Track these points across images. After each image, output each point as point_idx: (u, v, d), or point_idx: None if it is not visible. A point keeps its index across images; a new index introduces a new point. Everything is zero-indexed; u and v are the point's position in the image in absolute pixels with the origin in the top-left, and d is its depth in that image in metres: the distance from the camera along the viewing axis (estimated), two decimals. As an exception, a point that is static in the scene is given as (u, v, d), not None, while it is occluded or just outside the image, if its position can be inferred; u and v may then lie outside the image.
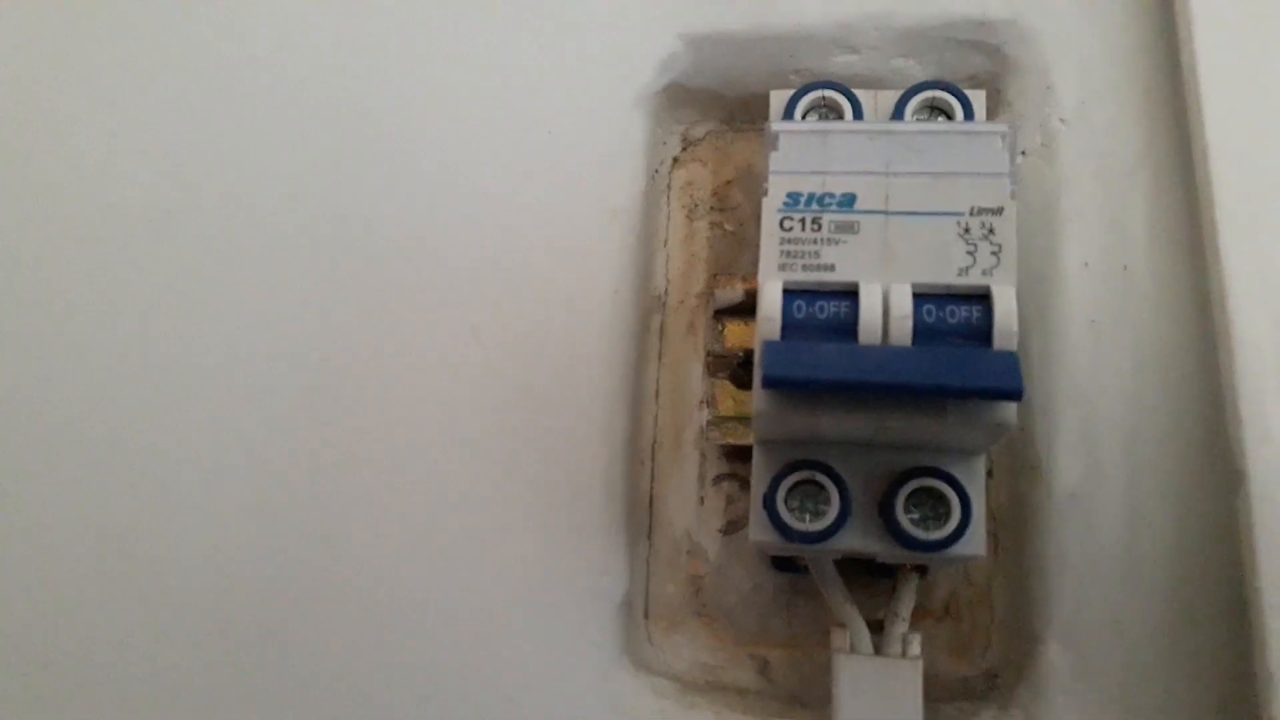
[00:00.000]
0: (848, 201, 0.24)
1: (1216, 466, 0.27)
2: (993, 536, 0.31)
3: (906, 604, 0.27)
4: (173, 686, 0.30)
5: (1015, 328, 0.22)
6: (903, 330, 0.22)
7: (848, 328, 0.23)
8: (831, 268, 0.23)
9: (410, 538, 0.30)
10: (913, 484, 0.25)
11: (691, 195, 0.35)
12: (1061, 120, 0.30)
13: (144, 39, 0.35)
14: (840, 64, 0.32)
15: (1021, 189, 0.30)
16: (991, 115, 0.31)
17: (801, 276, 0.23)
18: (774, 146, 0.24)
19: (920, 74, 0.31)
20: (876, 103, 0.27)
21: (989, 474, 0.31)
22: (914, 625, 0.28)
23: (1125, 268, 0.29)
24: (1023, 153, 0.31)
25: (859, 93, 0.27)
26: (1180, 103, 0.29)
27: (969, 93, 0.27)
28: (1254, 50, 0.28)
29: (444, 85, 0.33)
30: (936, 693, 0.29)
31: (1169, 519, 0.27)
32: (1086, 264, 0.29)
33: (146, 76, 0.35)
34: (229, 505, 0.31)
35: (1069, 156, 0.30)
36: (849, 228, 0.24)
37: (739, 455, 0.32)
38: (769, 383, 0.22)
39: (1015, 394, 0.21)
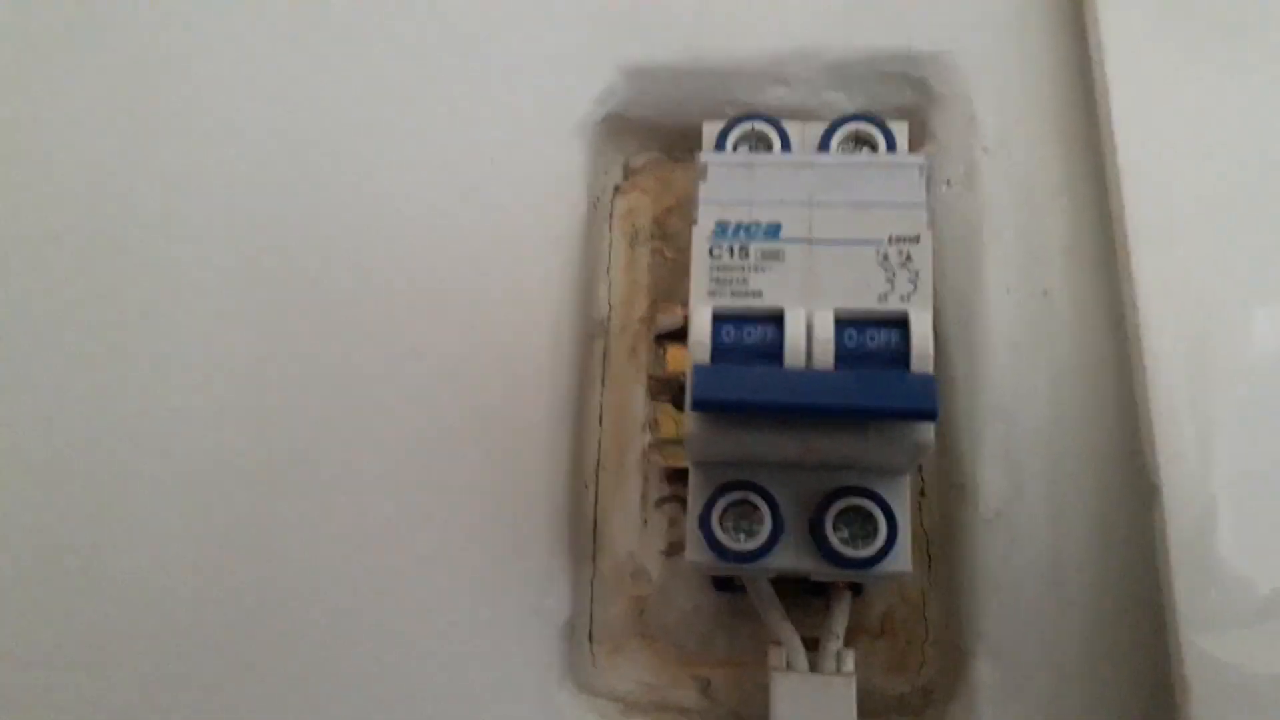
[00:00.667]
0: (773, 230, 0.25)
1: (1134, 482, 0.28)
2: (926, 554, 0.32)
3: (840, 621, 0.28)
4: (109, 703, 0.29)
5: (931, 351, 0.23)
6: (826, 354, 0.23)
7: (774, 352, 0.24)
8: (759, 294, 0.24)
9: (354, 559, 0.30)
10: (841, 503, 0.26)
11: (633, 223, 0.36)
12: (984, 149, 0.31)
13: (92, 62, 0.35)
14: (773, 96, 0.33)
15: (945, 216, 0.31)
16: (916, 145, 0.33)
17: (730, 302, 0.24)
18: (703, 177, 0.25)
19: (850, 106, 0.33)
20: (804, 134, 0.28)
21: (922, 493, 0.32)
22: (851, 642, 0.29)
23: (1045, 291, 0.30)
24: (947, 181, 0.32)
25: (788, 124, 0.28)
26: (1096, 131, 0.30)
27: (892, 124, 0.28)
28: (1162, 79, 0.29)
29: (387, 116, 0.34)
30: (873, 708, 0.30)
31: (1090, 533, 0.28)
32: (1008, 288, 0.30)
33: (90, 101, 0.35)
34: (172, 526, 0.31)
35: (991, 184, 0.31)
36: (775, 255, 0.24)
37: (681, 477, 0.33)
38: (698, 405, 0.23)
39: (930, 414, 0.22)
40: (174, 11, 0.35)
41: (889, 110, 0.33)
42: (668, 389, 0.34)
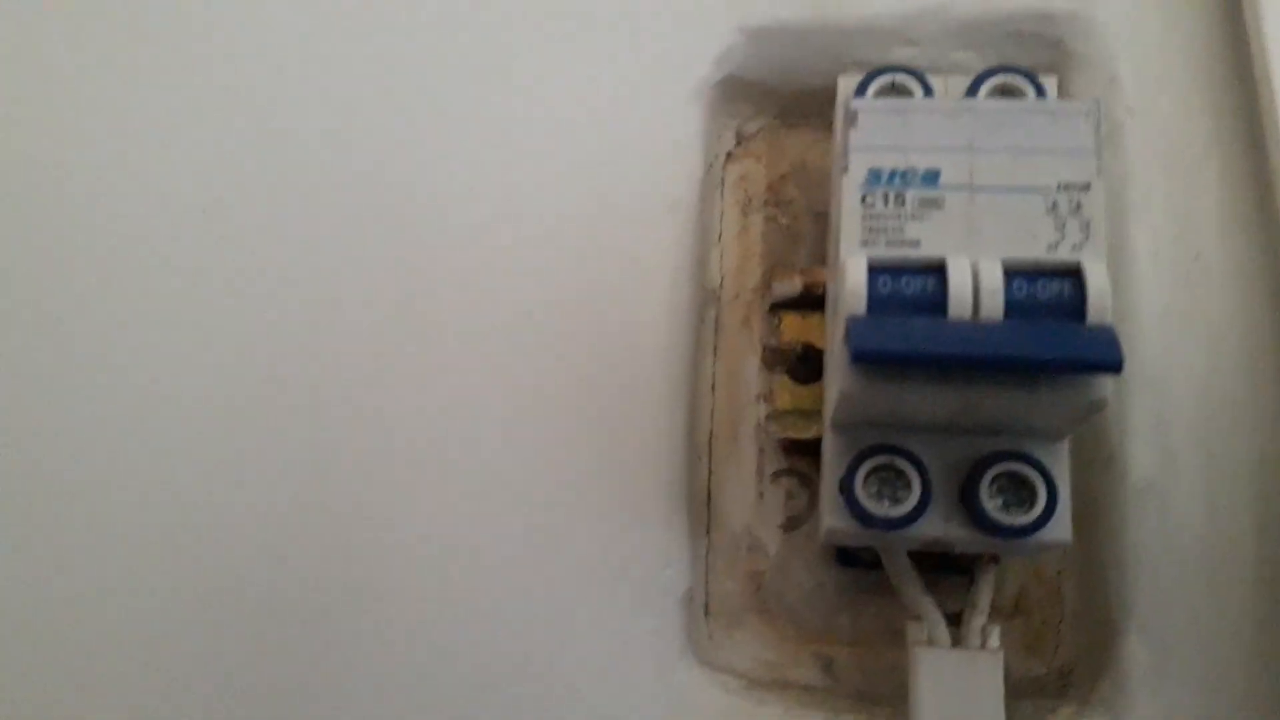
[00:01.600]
0: (931, 177, 0.23)
1: (1296, 455, 0.26)
2: (1062, 531, 0.30)
3: (985, 595, 0.27)
4: (226, 681, 0.29)
5: (1109, 303, 0.22)
6: (994, 305, 0.22)
7: (936, 304, 0.22)
8: (917, 243, 0.23)
9: (470, 533, 0.30)
10: (997, 468, 0.24)
11: (745, 190, 0.35)
12: (1128, 110, 0.30)
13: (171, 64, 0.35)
14: (900, 56, 0.32)
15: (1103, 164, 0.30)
16: (1056, 105, 0.31)
17: (886, 252, 0.23)
18: (853, 124, 0.24)
19: (980, 67, 0.31)
20: (948, 87, 0.27)
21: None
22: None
23: (1196, 256, 0.29)
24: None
25: (931, 77, 0.27)
26: (1247, 90, 0.29)
27: (1042, 78, 0.26)
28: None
29: (503, 78, 0.33)
30: (1009, 690, 0.28)
31: (1248, 509, 0.27)
32: (1157, 253, 0.29)
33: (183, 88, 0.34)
34: (288, 502, 0.30)
35: (1135, 147, 0.30)
36: (934, 203, 0.23)
37: (798, 450, 0.32)
38: (858, 357, 0.22)
39: (1115, 366, 0.21)
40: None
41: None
42: (783, 360, 0.33)
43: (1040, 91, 0.27)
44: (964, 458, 0.25)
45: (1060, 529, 0.24)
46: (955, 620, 0.27)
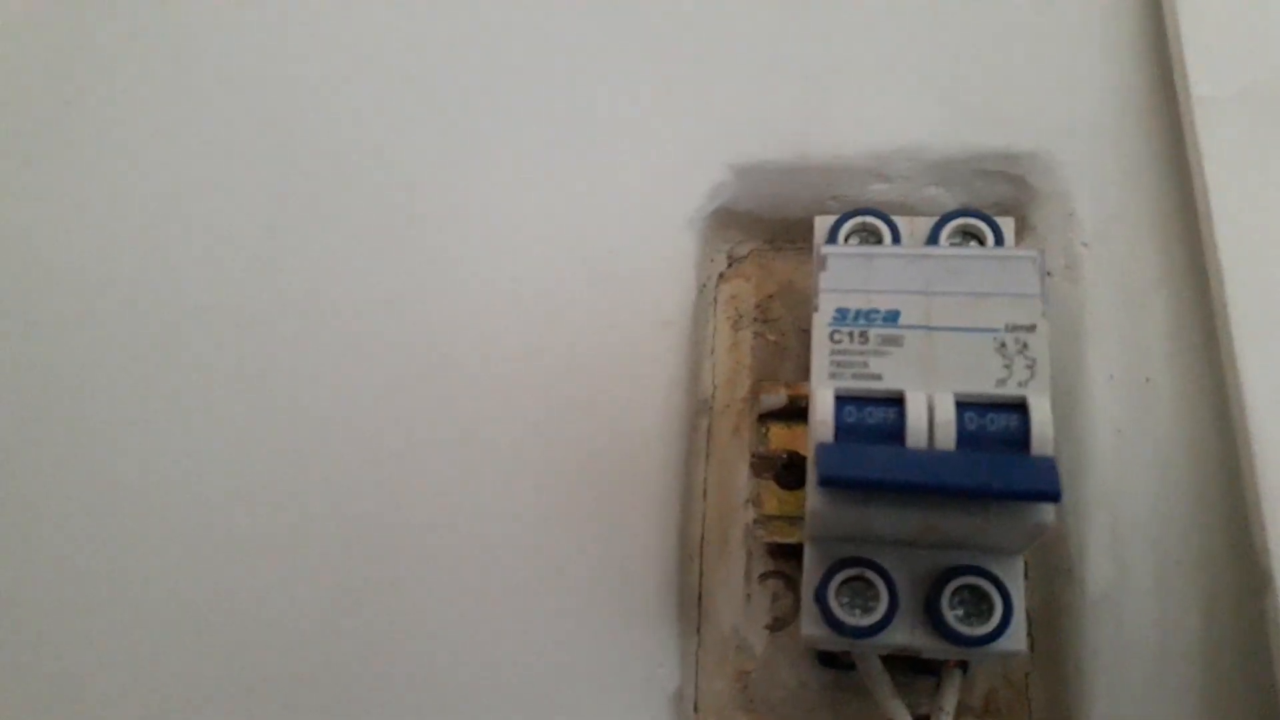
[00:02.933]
0: (892, 317, 0.26)
1: (1244, 569, 0.28)
2: (1029, 636, 0.32)
3: (950, 698, 0.29)
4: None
5: (1051, 435, 0.24)
6: (947, 435, 0.24)
7: (895, 432, 0.25)
8: (879, 377, 0.26)
9: (468, 623, 0.32)
10: (957, 581, 0.26)
11: (736, 308, 0.38)
12: (1084, 244, 0.32)
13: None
14: (875, 191, 0.35)
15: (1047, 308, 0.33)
16: (1018, 240, 0.34)
17: (851, 384, 0.26)
18: (823, 267, 0.27)
19: (950, 202, 0.34)
20: (913, 228, 0.30)
21: (1025, 576, 0.33)
22: (955, 722, 0.29)
23: (1148, 380, 0.31)
24: (1048, 274, 0.33)
25: (897, 218, 0.30)
26: (1194, 225, 0.31)
27: (999, 219, 0.29)
28: (1261, 172, 0.31)
29: (517, 207, 0.36)
30: (980, 789, 0.30)
31: (1198, 620, 0.29)
32: (1111, 377, 0.31)
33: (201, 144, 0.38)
34: (285, 565, 0.33)
35: (1091, 277, 0.32)
36: (894, 340, 0.26)
37: (784, 553, 0.34)
38: (824, 481, 0.24)
39: (1054, 496, 0.23)
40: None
41: (988, 206, 0.34)
42: (770, 466, 0.35)
43: (997, 233, 0.29)
44: (928, 571, 0.27)
45: (1015, 640, 0.26)
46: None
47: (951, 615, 0.26)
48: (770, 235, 0.38)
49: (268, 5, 0.40)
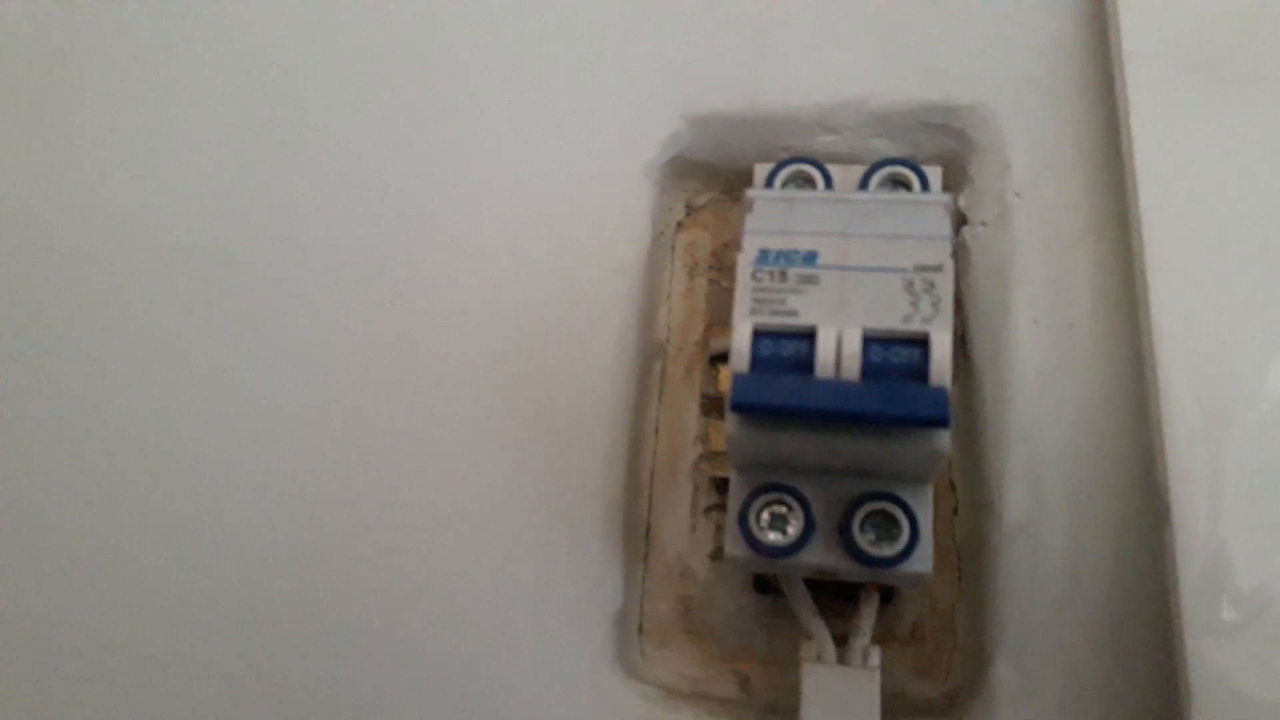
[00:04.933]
0: (810, 258, 0.28)
1: (1148, 502, 0.30)
2: (957, 568, 0.34)
3: (868, 619, 0.30)
4: (184, 687, 0.33)
5: (949, 367, 0.26)
6: (852, 367, 0.26)
7: (807, 364, 0.26)
8: (795, 313, 0.27)
9: (425, 552, 0.34)
10: (869, 506, 0.28)
11: (693, 255, 0.39)
12: (1016, 194, 0.34)
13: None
14: (823, 143, 0.36)
15: (979, 254, 0.34)
16: (955, 188, 0.35)
17: (769, 320, 0.27)
18: (750, 210, 0.28)
19: (894, 152, 0.36)
20: (846, 176, 0.31)
21: (955, 511, 0.35)
22: (882, 649, 0.31)
23: (1070, 325, 0.32)
24: (982, 223, 0.34)
25: (831, 166, 0.31)
26: (1121, 178, 0.33)
27: (926, 168, 0.31)
28: (1183, 129, 0.32)
29: (475, 161, 0.38)
30: (902, 710, 0.32)
31: (1107, 549, 0.30)
32: (1036, 321, 0.32)
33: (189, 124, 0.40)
34: (258, 526, 0.35)
35: (1022, 226, 0.33)
36: (811, 279, 0.27)
37: (727, 487, 0.36)
38: (736, 408, 0.26)
39: (942, 422, 0.25)
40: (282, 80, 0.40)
41: (930, 156, 0.36)
42: (719, 406, 0.37)
43: (924, 181, 0.31)
44: (842, 496, 0.29)
45: (921, 561, 0.28)
46: (845, 641, 0.31)
47: (863, 538, 0.28)
48: (727, 185, 0.39)
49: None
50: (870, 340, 0.26)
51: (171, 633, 0.34)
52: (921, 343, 0.26)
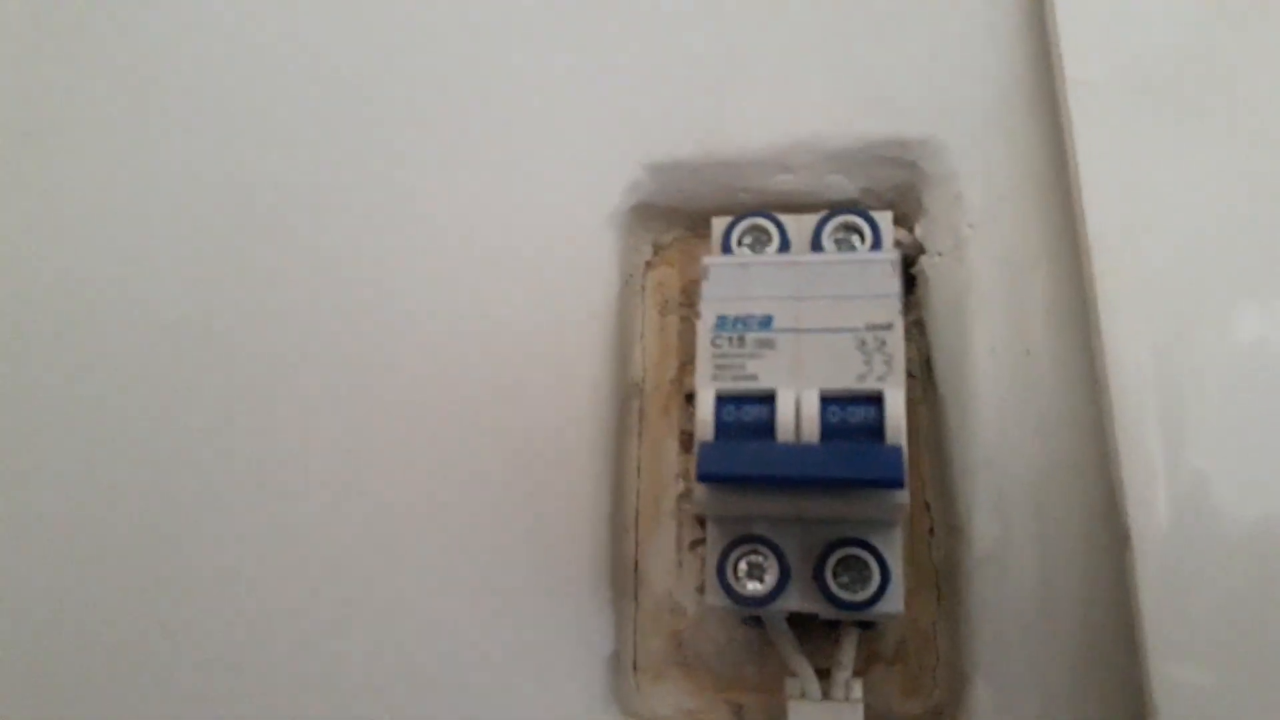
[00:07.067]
0: (766, 322, 0.29)
1: (1113, 525, 0.31)
2: (936, 588, 0.35)
3: (848, 654, 0.32)
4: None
5: (903, 424, 0.27)
6: (812, 429, 0.27)
7: (768, 427, 0.28)
8: (755, 377, 0.28)
9: (423, 604, 0.35)
10: (839, 552, 0.29)
11: (663, 294, 0.40)
12: (970, 225, 0.34)
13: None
14: (780, 182, 0.37)
15: (937, 283, 0.35)
16: (911, 219, 0.36)
17: (730, 385, 0.28)
18: (706, 277, 0.29)
19: (850, 187, 0.36)
20: (800, 226, 0.32)
21: (931, 531, 0.36)
22: (867, 669, 0.33)
23: (1028, 351, 0.33)
24: (938, 253, 0.35)
25: (784, 218, 0.32)
26: (1072, 206, 0.33)
27: (876, 215, 0.31)
28: (1129, 152, 0.32)
29: (447, 212, 0.39)
30: (889, 727, 0.34)
31: (1075, 571, 0.32)
32: (993, 349, 0.33)
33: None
34: (257, 585, 0.36)
35: (976, 256, 0.34)
36: (768, 344, 0.28)
37: (710, 523, 0.37)
38: (703, 478, 0.27)
39: (897, 483, 0.26)
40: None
41: (885, 190, 0.36)
42: (698, 443, 0.38)
43: (875, 227, 0.32)
44: (814, 542, 0.30)
45: (892, 603, 0.29)
46: (828, 674, 0.32)
47: (835, 583, 0.29)
48: (691, 224, 0.40)
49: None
50: (827, 400, 0.28)
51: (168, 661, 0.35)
52: (876, 400, 0.27)
